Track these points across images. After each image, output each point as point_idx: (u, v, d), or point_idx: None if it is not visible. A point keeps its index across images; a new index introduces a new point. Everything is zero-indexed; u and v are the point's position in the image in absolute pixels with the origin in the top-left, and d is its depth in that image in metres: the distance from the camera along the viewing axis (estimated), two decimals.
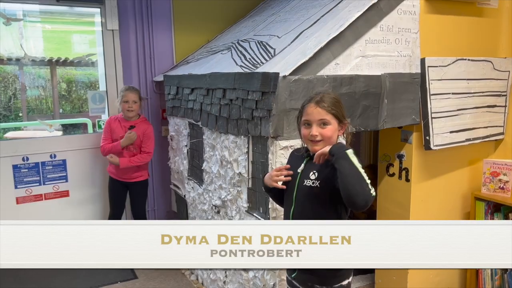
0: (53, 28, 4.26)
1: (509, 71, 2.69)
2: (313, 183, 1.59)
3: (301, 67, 1.99)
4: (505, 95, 2.72)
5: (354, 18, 2.11)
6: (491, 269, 2.69)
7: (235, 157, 2.35)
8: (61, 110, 4.26)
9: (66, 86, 5.20)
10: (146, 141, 3.32)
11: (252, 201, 2.28)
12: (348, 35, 2.13)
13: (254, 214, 2.23)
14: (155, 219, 4.03)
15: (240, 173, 2.31)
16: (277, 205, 2.02)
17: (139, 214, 3.44)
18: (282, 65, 2.11)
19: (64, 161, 3.66)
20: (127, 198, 3.46)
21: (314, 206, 1.59)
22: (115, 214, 3.42)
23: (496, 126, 2.72)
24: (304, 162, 1.67)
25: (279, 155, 2.00)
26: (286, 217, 1.71)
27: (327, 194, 1.55)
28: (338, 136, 1.62)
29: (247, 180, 2.27)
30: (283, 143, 2.00)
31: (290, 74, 1.94)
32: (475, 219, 2.70)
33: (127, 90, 3.27)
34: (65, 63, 4.38)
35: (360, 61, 2.19)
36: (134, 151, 3.26)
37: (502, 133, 2.75)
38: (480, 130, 2.62)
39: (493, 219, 2.64)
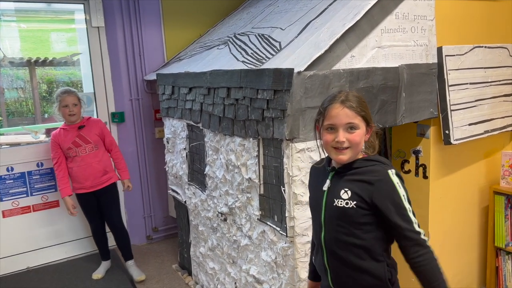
0: (30, 27, 4.00)
1: None
2: (346, 203, 1.33)
3: (315, 61, 1.81)
4: None
5: (370, 6, 1.94)
6: None
7: (243, 161, 2.17)
8: (46, 115, 3.99)
9: (47, 87, 4.97)
10: (107, 136, 3.13)
11: (265, 209, 2.10)
12: (363, 24, 1.95)
13: (268, 222, 2.06)
14: (152, 225, 3.84)
15: (250, 178, 2.13)
16: (295, 214, 1.86)
17: (116, 223, 3.18)
18: (293, 59, 1.93)
19: (52, 169, 3.42)
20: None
21: (351, 231, 1.33)
22: (97, 226, 3.21)
23: None
24: (330, 177, 1.40)
25: (296, 159, 1.83)
26: (317, 242, 1.45)
27: (367, 216, 1.32)
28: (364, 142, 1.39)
29: (258, 186, 2.09)
30: (300, 145, 1.82)
31: (305, 70, 1.76)
32: (494, 214, 2.58)
33: (64, 93, 2.98)
34: (45, 63, 4.13)
35: (376, 52, 2.02)
36: (95, 150, 3.04)
37: None
38: (498, 121, 2.49)
39: None
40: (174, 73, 2.82)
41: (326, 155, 1.47)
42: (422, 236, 1.30)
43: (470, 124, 2.34)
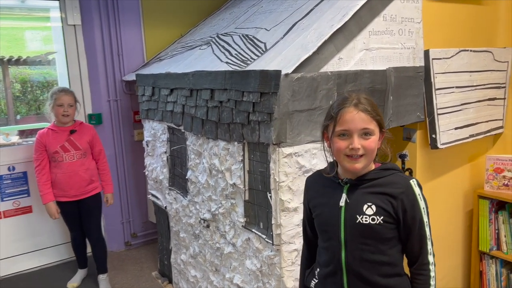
0: (3, 25, 3.83)
1: (508, 62, 2.57)
2: (372, 219, 1.22)
3: (303, 63, 1.75)
4: (505, 87, 2.60)
5: (358, 7, 1.89)
6: (496, 270, 2.58)
7: (228, 166, 2.09)
8: (18, 117, 3.82)
9: (21, 86, 4.79)
10: (98, 144, 2.98)
11: (250, 215, 2.03)
12: (351, 26, 1.90)
13: (253, 230, 1.98)
14: (131, 231, 3.72)
15: (234, 183, 2.05)
16: (282, 221, 1.79)
17: (95, 235, 3.01)
18: (280, 61, 1.86)
19: (24, 173, 3.28)
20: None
21: (378, 248, 1.24)
22: (77, 235, 3.04)
23: (496, 120, 2.59)
24: (345, 190, 1.28)
25: (283, 164, 1.76)
26: (335, 263, 1.29)
27: (393, 230, 1.24)
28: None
29: (243, 192, 2.02)
30: (287, 150, 1.75)
31: (293, 72, 1.70)
32: (478, 217, 2.58)
33: (60, 92, 2.82)
34: (18, 62, 3.96)
35: (364, 54, 1.97)
36: (83, 158, 2.87)
37: (501, 127, 2.64)
38: (483, 125, 2.49)
39: (497, 217, 2.52)
40: (154, 73, 2.71)
41: (327, 165, 1.39)
42: (431, 266, 1.28)
43: (456, 128, 2.32)
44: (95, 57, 3.39)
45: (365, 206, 1.24)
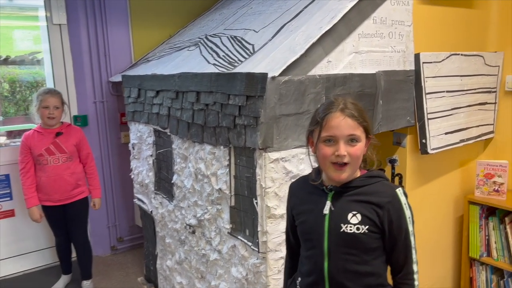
0: None
1: (499, 66, 2.55)
2: (357, 228, 1.17)
3: (290, 66, 1.70)
4: (495, 92, 2.57)
5: (347, 9, 1.85)
6: (486, 276, 2.55)
7: (214, 171, 2.03)
8: (1, 118, 3.72)
9: (9, 86, 4.72)
10: (85, 147, 2.89)
11: (236, 222, 1.97)
12: (340, 28, 1.86)
13: (239, 237, 1.93)
14: (117, 235, 3.64)
15: (220, 189, 1.99)
16: (268, 228, 1.73)
17: (81, 240, 2.94)
18: (267, 63, 1.81)
19: (7, 176, 3.19)
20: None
21: (362, 258, 1.19)
22: (62, 240, 2.96)
23: (487, 125, 2.57)
24: (330, 198, 1.24)
25: (269, 169, 1.71)
26: (317, 273, 1.24)
27: (378, 240, 1.19)
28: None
29: (229, 198, 1.96)
30: (274, 155, 1.70)
31: (280, 75, 1.65)
32: (468, 223, 2.55)
33: (46, 93, 2.73)
34: (7, 61, 3.87)
35: (353, 58, 1.93)
36: (69, 162, 2.78)
37: (492, 132, 2.61)
38: (473, 130, 2.46)
39: (487, 223, 2.49)
40: (140, 75, 2.65)
41: (311, 170, 1.34)
42: (415, 275, 1.23)
43: (446, 133, 2.29)
44: (81, 57, 3.32)
45: (350, 215, 1.20)
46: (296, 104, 1.72)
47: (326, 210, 1.23)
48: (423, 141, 2.19)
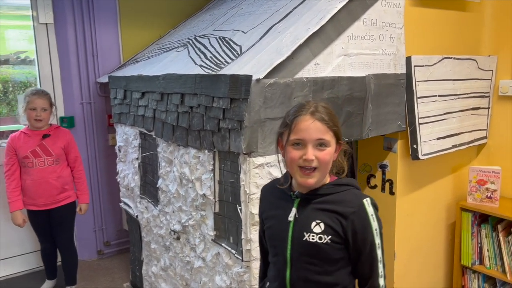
0: None
1: (492, 70, 2.50)
2: (320, 238, 1.14)
3: (276, 68, 1.64)
4: (488, 96, 2.53)
5: (336, 10, 1.79)
6: (478, 285, 2.50)
7: (198, 175, 1.97)
8: None
9: (2, 86, 4.65)
10: (73, 151, 2.80)
11: (220, 229, 1.91)
12: (329, 30, 1.80)
13: (223, 244, 1.86)
14: (104, 239, 3.56)
15: (204, 194, 1.93)
16: (252, 236, 1.67)
17: (66, 246, 2.86)
18: (253, 65, 1.76)
19: None
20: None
21: (324, 268, 1.15)
22: (47, 246, 2.88)
23: (480, 130, 2.52)
24: (296, 204, 1.20)
25: (254, 175, 1.65)
26: (280, 282, 1.22)
27: (341, 251, 1.15)
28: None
29: (213, 204, 1.90)
30: (258, 160, 1.64)
31: (265, 77, 1.59)
32: (460, 230, 2.49)
33: (34, 94, 2.64)
34: None
35: (342, 60, 1.87)
36: (55, 165, 2.70)
37: (485, 137, 2.57)
38: (466, 135, 2.41)
39: (480, 230, 2.44)
40: (126, 76, 2.59)
41: (283, 174, 1.30)
42: None
43: (438, 138, 2.24)
44: (68, 57, 3.25)
45: (314, 224, 1.16)
46: (282, 107, 1.66)
47: (291, 217, 1.20)
48: (414, 146, 2.14)
